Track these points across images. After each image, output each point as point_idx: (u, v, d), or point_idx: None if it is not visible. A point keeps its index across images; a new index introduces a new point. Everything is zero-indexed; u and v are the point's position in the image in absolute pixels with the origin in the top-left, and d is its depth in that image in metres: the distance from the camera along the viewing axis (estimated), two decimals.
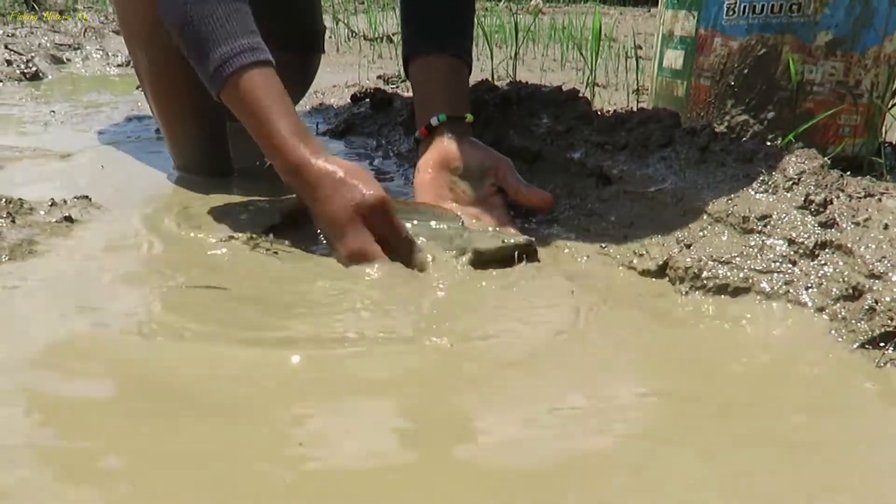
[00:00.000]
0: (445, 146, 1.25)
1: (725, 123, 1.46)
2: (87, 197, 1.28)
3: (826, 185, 1.03)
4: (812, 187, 1.03)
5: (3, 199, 1.18)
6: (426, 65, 1.33)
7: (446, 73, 1.33)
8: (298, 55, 1.76)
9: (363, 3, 6.27)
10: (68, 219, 1.19)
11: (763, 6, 1.40)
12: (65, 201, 1.25)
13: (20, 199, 1.21)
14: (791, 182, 1.05)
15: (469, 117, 1.29)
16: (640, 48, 3.79)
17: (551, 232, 1.22)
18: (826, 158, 1.10)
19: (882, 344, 0.84)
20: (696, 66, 1.49)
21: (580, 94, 1.47)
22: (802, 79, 1.41)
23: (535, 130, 1.38)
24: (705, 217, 1.07)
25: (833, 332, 0.88)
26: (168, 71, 1.37)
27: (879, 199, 1.01)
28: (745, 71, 1.44)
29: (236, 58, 1.12)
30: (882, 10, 1.37)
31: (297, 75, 1.80)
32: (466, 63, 1.36)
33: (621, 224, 1.15)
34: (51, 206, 1.23)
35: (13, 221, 1.14)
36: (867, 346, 0.84)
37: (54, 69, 2.87)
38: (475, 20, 1.48)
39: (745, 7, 1.41)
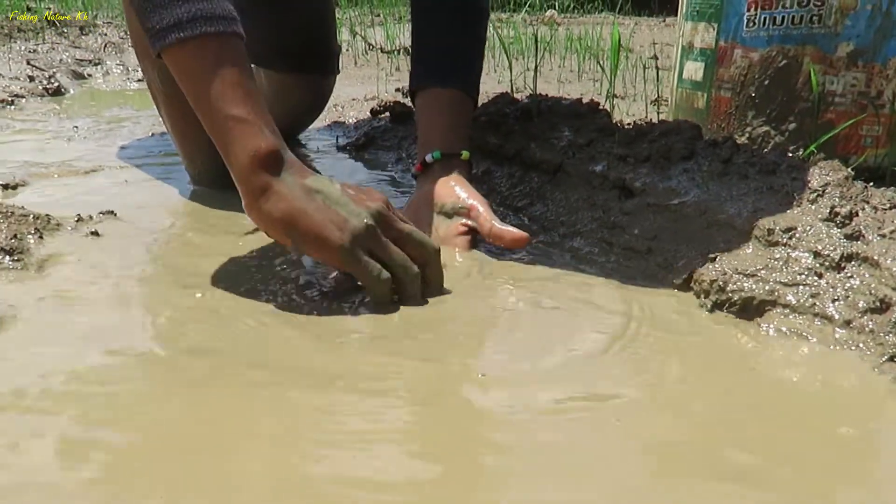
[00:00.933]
0: (434, 184, 1.24)
1: (746, 135, 1.46)
2: (112, 212, 1.29)
3: (851, 197, 1.03)
4: (837, 199, 1.02)
5: (31, 216, 1.20)
6: (429, 97, 1.35)
7: (448, 106, 1.33)
8: (313, 77, 1.77)
9: (378, 15, 6.30)
10: (95, 234, 1.20)
11: (783, 18, 1.40)
12: (91, 216, 1.26)
13: (47, 214, 1.22)
14: (815, 194, 1.04)
15: (465, 154, 1.29)
16: (657, 58, 3.80)
17: (574, 244, 1.22)
18: (850, 170, 1.10)
19: None
20: (717, 78, 1.50)
21: (600, 106, 1.48)
22: (823, 90, 1.41)
23: (556, 143, 1.38)
24: (729, 230, 1.06)
25: (861, 345, 0.88)
26: (180, 90, 1.38)
27: None
28: (766, 82, 1.44)
29: (208, 21, 1.01)
30: None
31: (312, 97, 1.81)
32: (471, 96, 1.36)
33: (645, 237, 1.15)
34: (77, 221, 1.24)
35: (41, 237, 1.16)
36: (895, 360, 0.84)
37: (76, 84, 2.90)
38: (485, 52, 1.49)
39: (765, 19, 1.41)
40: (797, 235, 1.00)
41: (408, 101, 2.17)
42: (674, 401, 0.78)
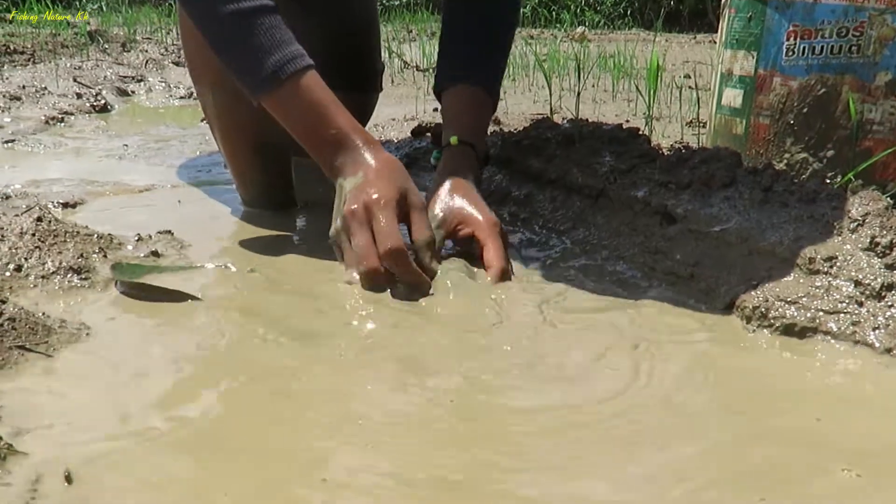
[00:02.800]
0: (443, 171, 1.35)
1: (785, 161, 1.49)
2: (169, 232, 1.34)
3: (891, 227, 1.05)
4: (877, 229, 1.05)
5: (95, 235, 1.25)
6: (453, 94, 1.45)
7: (468, 101, 1.44)
8: (359, 95, 1.82)
9: (411, 31, 6.39)
10: (155, 253, 1.25)
11: (822, 47, 1.42)
12: (150, 236, 1.32)
13: (109, 234, 1.28)
14: (856, 223, 1.07)
15: (478, 147, 1.40)
16: (690, 77, 3.82)
17: (617, 268, 1.25)
18: (888, 198, 1.12)
19: None
20: (756, 105, 1.52)
21: (640, 132, 1.51)
22: (862, 118, 1.43)
23: (598, 168, 1.41)
24: (771, 257, 1.09)
25: None
26: (236, 110, 1.44)
27: None
28: (805, 110, 1.46)
29: (292, 62, 1.21)
30: None
31: (357, 116, 1.87)
32: (491, 96, 1.46)
33: (687, 263, 1.18)
34: (137, 240, 1.29)
35: (105, 256, 1.21)
36: None
37: (120, 101, 2.98)
38: (508, 59, 1.57)
39: (804, 48, 1.44)
40: (838, 264, 1.03)
41: None
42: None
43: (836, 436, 0.79)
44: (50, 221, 1.23)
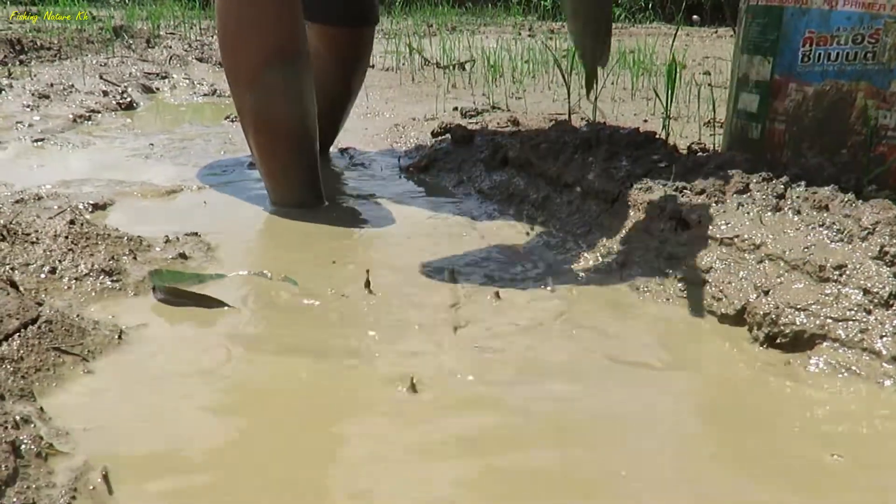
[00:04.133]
0: None
1: (799, 166, 1.51)
2: (196, 234, 1.38)
3: None
4: (887, 237, 1.07)
5: (126, 237, 1.29)
6: None
7: None
8: (356, 29, 1.89)
9: (432, 25, 6.41)
10: (182, 255, 1.29)
11: (838, 54, 1.44)
12: (177, 238, 1.36)
13: (139, 236, 1.32)
14: (866, 232, 1.09)
15: None
16: (710, 74, 3.83)
17: (631, 273, 1.28)
18: None
19: None
20: (771, 111, 1.54)
21: (657, 136, 1.54)
22: (876, 124, 1.45)
23: (614, 173, 1.44)
24: (782, 264, 1.12)
25: None
26: (272, 111, 1.49)
27: None
28: (820, 116, 1.48)
29: None
30: None
31: (355, 50, 1.94)
32: None
33: (700, 269, 1.20)
34: (165, 242, 1.34)
35: (135, 258, 1.25)
36: None
37: (145, 98, 3.02)
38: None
39: (819, 55, 1.46)
40: (847, 272, 1.05)
41: (466, 122, 2.24)
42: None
43: None
44: (82, 224, 1.27)
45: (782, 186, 1.25)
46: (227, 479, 0.74)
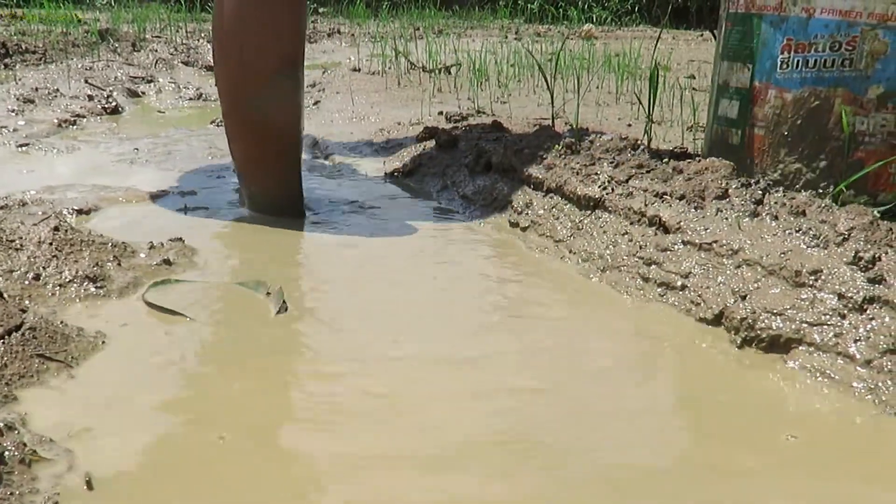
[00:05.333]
0: None
1: (779, 171, 1.53)
2: (180, 239, 1.39)
3: (875, 242, 1.09)
4: (861, 243, 1.09)
5: (110, 243, 1.30)
6: None
7: None
8: None
9: (418, 28, 6.42)
10: (167, 261, 1.30)
11: (816, 61, 1.46)
12: (161, 244, 1.36)
13: (123, 242, 1.32)
14: (841, 237, 1.11)
15: None
16: (694, 77, 3.85)
17: (613, 277, 1.29)
18: (876, 212, 1.16)
19: None
20: (751, 117, 1.56)
21: (638, 142, 1.55)
22: (854, 129, 1.47)
23: (596, 178, 1.46)
24: (759, 269, 1.14)
25: (879, 384, 0.95)
26: (275, 118, 1.52)
27: None
28: (799, 122, 1.50)
29: None
30: None
31: None
32: None
33: (679, 273, 1.22)
34: (150, 248, 1.34)
35: (119, 264, 1.26)
36: None
37: (131, 102, 3.02)
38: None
39: (798, 61, 1.48)
40: (823, 277, 1.07)
41: (450, 127, 2.26)
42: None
43: None
44: (66, 230, 1.28)
45: (760, 192, 1.27)
46: (209, 484, 0.74)
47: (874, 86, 1.45)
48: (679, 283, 1.21)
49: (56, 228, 1.27)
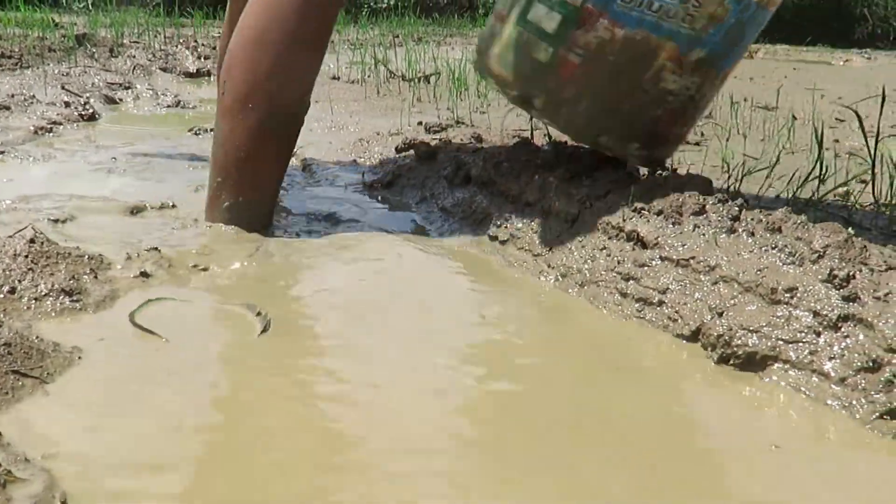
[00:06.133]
0: None
1: (580, 110, 1.44)
2: (157, 249, 1.38)
3: (849, 260, 1.10)
4: (836, 261, 1.10)
5: (86, 256, 1.29)
6: None
7: None
8: None
9: (396, 37, 6.42)
10: (144, 273, 1.29)
11: (661, 6, 1.36)
12: (138, 255, 1.35)
13: (100, 254, 1.31)
14: (816, 255, 1.12)
15: None
16: None
17: (590, 292, 1.30)
18: (850, 230, 1.17)
19: None
20: (571, 40, 1.39)
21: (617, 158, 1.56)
22: (665, 88, 1.40)
23: (574, 194, 1.46)
24: (736, 286, 1.15)
25: (854, 401, 0.96)
26: (292, 137, 1.60)
27: None
28: (619, 63, 1.39)
29: None
30: (746, 41, 1.45)
31: None
32: None
33: (657, 289, 1.23)
34: (126, 260, 1.33)
35: (95, 277, 1.25)
36: (885, 417, 0.92)
37: (108, 109, 3.00)
38: None
39: (643, 0, 1.36)
40: (798, 295, 1.08)
41: (430, 138, 2.26)
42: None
43: None
44: (42, 243, 1.27)
45: (737, 209, 1.28)
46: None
47: (698, 49, 1.39)
48: (657, 299, 1.22)
49: (32, 241, 1.26)
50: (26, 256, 1.23)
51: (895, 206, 1.62)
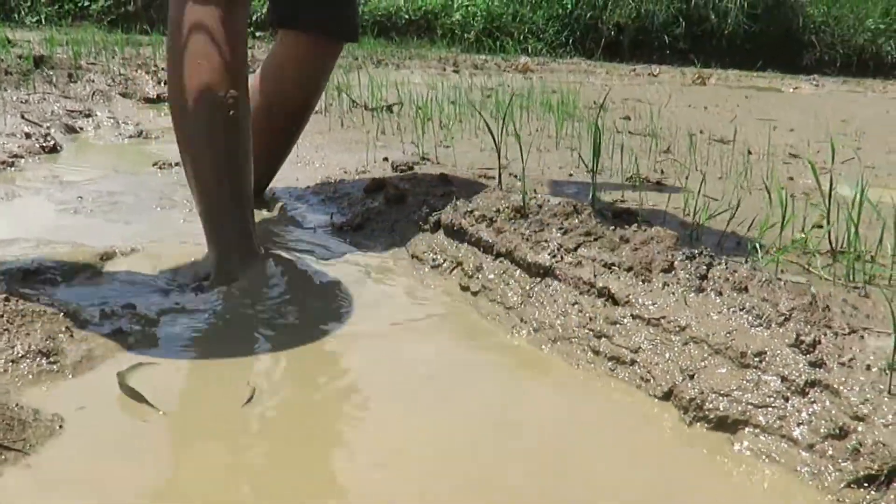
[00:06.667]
0: None
1: None
2: (132, 306, 1.38)
3: (815, 323, 1.15)
4: (802, 324, 1.14)
5: (62, 314, 1.28)
6: None
7: None
8: (338, 44, 2.10)
9: (357, 59, 6.43)
10: (119, 331, 1.29)
11: None
12: (113, 311, 1.35)
13: (75, 310, 1.31)
14: (783, 318, 1.16)
15: None
16: (629, 118, 3.95)
17: (563, 349, 1.33)
18: (812, 289, 1.22)
19: (866, 485, 0.95)
20: None
21: (584, 206, 1.59)
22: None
23: (546, 246, 1.49)
24: (706, 348, 1.18)
25: (822, 468, 0.99)
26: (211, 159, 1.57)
27: (862, 337, 1.13)
28: None
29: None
30: None
31: (330, 61, 2.10)
32: None
33: (629, 348, 1.26)
34: (101, 317, 1.33)
35: (72, 336, 1.25)
36: (853, 486, 0.96)
37: (69, 139, 2.97)
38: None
39: None
40: (766, 359, 1.12)
41: (397, 176, 2.28)
42: None
43: None
44: (17, 301, 1.26)
45: (705, 267, 1.32)
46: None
47: None
48: (629, 358, 1.25)
49: (6, 299, 1.25)
50: (2, 316, 1.22)
51: (851, 255, 1.67)
